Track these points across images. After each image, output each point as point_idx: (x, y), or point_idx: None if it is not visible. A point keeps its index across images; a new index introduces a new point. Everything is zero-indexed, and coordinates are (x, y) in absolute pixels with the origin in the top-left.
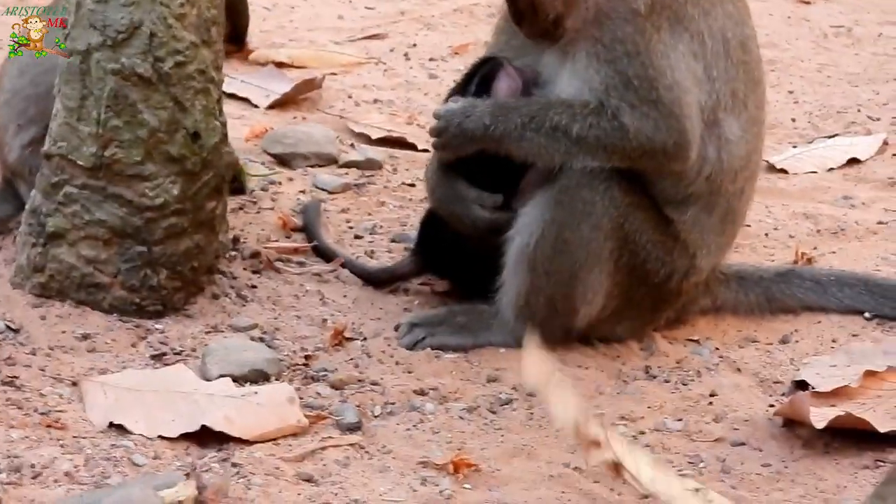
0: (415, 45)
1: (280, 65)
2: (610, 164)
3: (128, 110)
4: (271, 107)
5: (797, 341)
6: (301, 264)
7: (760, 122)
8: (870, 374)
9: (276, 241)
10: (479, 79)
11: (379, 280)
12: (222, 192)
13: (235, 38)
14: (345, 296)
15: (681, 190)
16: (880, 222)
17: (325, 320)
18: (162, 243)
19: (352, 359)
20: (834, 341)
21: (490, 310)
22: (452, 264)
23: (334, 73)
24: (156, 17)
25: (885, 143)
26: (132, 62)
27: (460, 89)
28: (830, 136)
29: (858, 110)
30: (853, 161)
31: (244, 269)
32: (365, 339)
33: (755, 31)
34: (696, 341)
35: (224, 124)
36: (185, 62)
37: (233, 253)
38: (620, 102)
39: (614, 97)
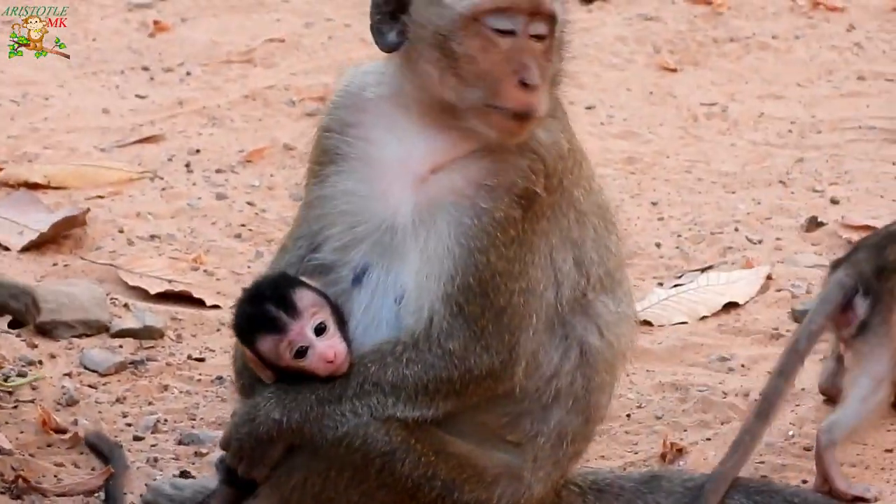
0: (198, 150)
1: (34, 186)
2: (431, 409)
3: None
4: (26, 248)
5: None
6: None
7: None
8: None
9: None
10: (270, 311)
11: None
12: None
13: None
14: None
15: (547, 389)
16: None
17: None
18: None
19: None
20: None
21: None
22: None
23: (101, 196)
24: None
25: (769, 277)
26: None
27: (248, 319)
28: (703, 269)
29: (736, 229)
30: (731, 305)
31: (1, 492)
32: None
33: None
34: None
35: None
36: None
37: None
38: (457, 318)
39: (456, 305)
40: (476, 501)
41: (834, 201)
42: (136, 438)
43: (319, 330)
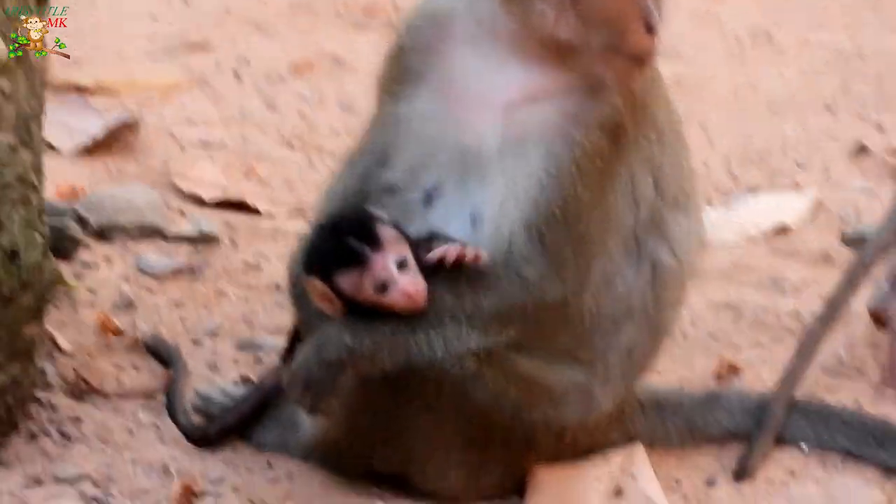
0: (247, 59)
1: (83, 90)
2: (502, 337)
3: None
4: (78, 152)
5: (726, 480)
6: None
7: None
8: None
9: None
10: (353, 245)
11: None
12: (42, 314)
13: None
14: None
15: (619, 307)
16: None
17: (166, 467)
18: None
19: None
20: (768, 482)
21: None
22: None
23: (151, 102)
24: None
25: (819, 201)
26: None
27: (328, 252)
28: (752, 191)
29: (784, 153)
30: (781, 228)
31: (64, 394)
32: (220, 494)
33: None
34: None
35: (45, 236)
36: (0, 169)
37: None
38: (536, 246)
39: (537, 233)
40: (546, 420)
41: (880, 128)
42: (195, 343)
43: (401, 265)
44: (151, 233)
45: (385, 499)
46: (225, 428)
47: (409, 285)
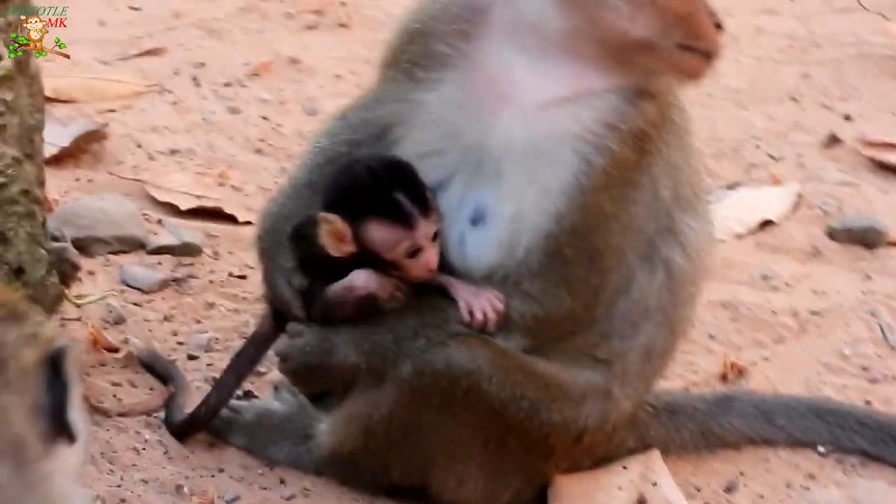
0: (203, 63)
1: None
2: (510, 342)
3: None
4: (46, 162)
5: (745, 486)
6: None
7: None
8: None
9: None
10: (405, 204)
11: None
12: None
13: None
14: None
15: (636, 310)
16: (812, 312)
17: (180, 486)
18: None
19: None
20: (788, 486)
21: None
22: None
23: (113, 110)
24: None
25: (800, 195)
26: None
27: (378, 201)
28: (731, 187)
29: (757, 146)
30: (765, 223)
31: None
32: None
33: None
34: None
35: (50, 252)
36: (5, 183)
37: None
38: (552, 259)
39: (556, 245)
40: (564, 421)
41: (847, 118)
42: (191, 357)
43: (434, 237)
44: (132, 245)
45: None
46: (225, 386)
47: (433, 259)
